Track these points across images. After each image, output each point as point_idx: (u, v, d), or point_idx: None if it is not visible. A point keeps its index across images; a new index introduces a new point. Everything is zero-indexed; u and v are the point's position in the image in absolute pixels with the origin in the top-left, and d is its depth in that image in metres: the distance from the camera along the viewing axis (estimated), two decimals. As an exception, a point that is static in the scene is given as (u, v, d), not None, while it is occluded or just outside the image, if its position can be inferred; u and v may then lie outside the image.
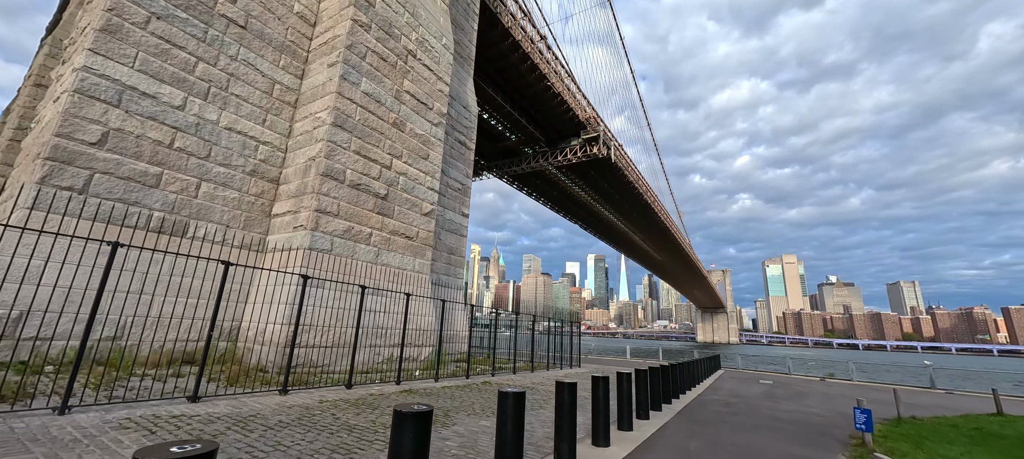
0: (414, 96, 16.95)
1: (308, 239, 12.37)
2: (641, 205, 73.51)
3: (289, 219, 13.22)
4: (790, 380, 20.28)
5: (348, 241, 13.59)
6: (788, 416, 9.76)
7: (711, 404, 11.08)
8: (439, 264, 20.62)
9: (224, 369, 9.94)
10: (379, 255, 14.68)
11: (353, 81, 14.27)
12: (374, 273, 14.31)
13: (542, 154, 58.01)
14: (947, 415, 10.95)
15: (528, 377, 14.75)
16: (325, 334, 11.94)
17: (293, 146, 14.37)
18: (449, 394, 9.70)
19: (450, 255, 21.50)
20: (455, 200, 22.24)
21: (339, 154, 13.53)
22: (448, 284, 21.00)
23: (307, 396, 8.09)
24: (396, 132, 15.89)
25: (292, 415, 6.43)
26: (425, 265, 16.70)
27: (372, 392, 9.13)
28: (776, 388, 16.26)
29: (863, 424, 6.41)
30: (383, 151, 15.19)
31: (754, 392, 14.53)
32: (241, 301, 12.45)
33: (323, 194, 12.92)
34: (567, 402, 4.77)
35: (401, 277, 15.38)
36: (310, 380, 9.79)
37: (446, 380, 12.34)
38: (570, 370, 19.45)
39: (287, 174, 14.09)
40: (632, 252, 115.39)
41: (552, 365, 20.40)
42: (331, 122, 13.41)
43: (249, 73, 13.70)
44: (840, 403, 12.80)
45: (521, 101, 48.37)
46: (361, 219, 14.12)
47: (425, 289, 16.43)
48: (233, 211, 12.93)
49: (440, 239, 20.74)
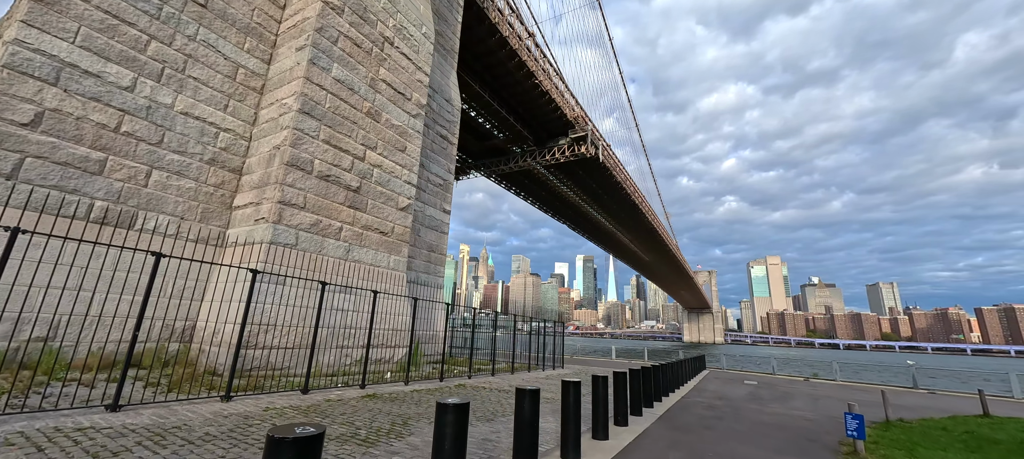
0: (391, 85, 16.18)
1: (270, 233, 11.54)
2: (629, 205, 73.54)
3: (251, 211, 12.36)
4: (775, 380, 20.03)
5: (315, 235, 12.78)
6: (774, 420, 9.30)
7: (695, 407, 10.59)
8: (418, 262, 19.87)
9: (168, 372, 9.08)
10: (350, 251, 13.89)
11: (323, 66, 13.46)
12: (345, 270, 13.52)
13: (530, 153, 57.51)
14: (934, 417, 10.65)
15: (507, 379, 14.11)
16: (287, 334, 11.13)
17: (258, 134, 13.50)
18: (415, 399, 9.00)
19: (430, 252, 20.76)
20: (436, 196, 21.50)
21: (306, 143, 12.72)
22: (428, 282, 20.26)
23: (254, 403, 7.31)
24: (370, 122, 15.11)
25: (224, 426, 5.68)
26: (401, 262, 15.94)
27: (330, 397, 8.39)
28: (761, 389, 15.92)
29: (855, 431, 5.94)
30: (356, 141, 14.40)
31: (739, 394, 14.13)
32: (197, 299, 11.56)
33: (288, 185, 12.10)
34: (528, 412, 4.15)
35: (375, 274, 14.61)
36: (265, 384, 9.00)
37: (419, 383, 11.63)
38: (552, 371, 18.87)
39: (250, 164, 13.21)
40: (620, 253, 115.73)
41: (535, 366, 19.79)
42: (298, 109, 12.59)
43: (209, 55, 12.80)
44: (827, 405, 12.45)
45: (509, 99, 47.77)
46: (330, 212, 13.31)
47: (401, 287, 15.68)
48: (189, 202, 12.02)
49: (419, 236, 19.99)
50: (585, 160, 54.94)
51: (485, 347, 21.53)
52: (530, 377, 15.41)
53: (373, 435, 5.85)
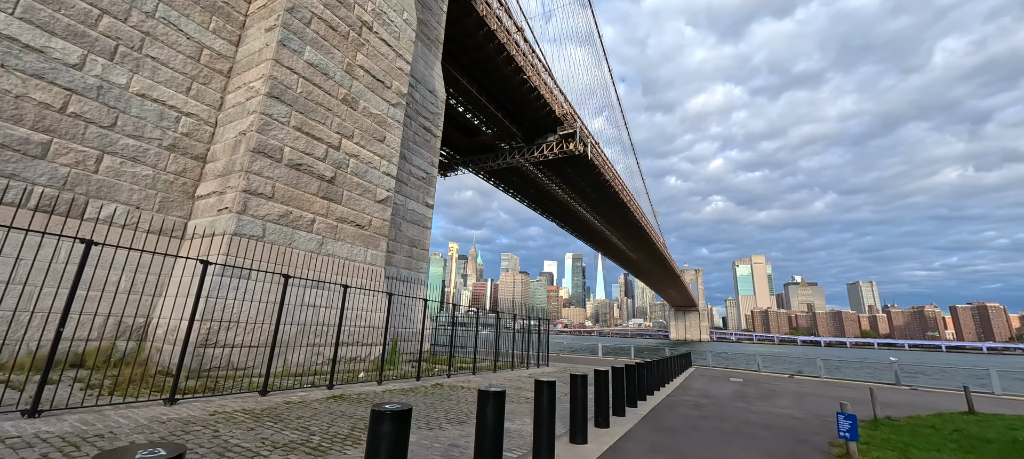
0: (369, 72, 15.48)
1: (233, 223, 10.80)
2: (617, 204, 73.58)
3: (214, 201, 11.59)
4: (760, 378, 19.92)
5: (285, 227, 12.07)
6: (761, 419, 8.97)
7: (680, 406, 10.23)
8: (399, 257, 19.21)
9: (114, 373, 8.33)
10: (323, 244, 13.20)
11: (294, 49, 12.72)
12: (317, 264, 12.83)
13: (518, 150, 56.98)
14: (921, 414, 10.48)
15: (488, 378, 13.60)
16: (252, 332, 10.43)
17: (224, 120, 12.71)
18: (378, 400, 8.42)
19: (412, 248, 20.12)
20: (418, 189, 20.84)
21: (275, 129, 11.98)
22: (409, 278, 19.62)
23: (202, 406, 6.66)
24: (347, 110, 14.40)
25: (156, 433, 5.04)
26: (379, 257, 15.29)
27: (292, 399, 7.76)
28: (747, 387, 15.70)
29: (847, 432, 5.58)
30: (330, 129, 13.70)
31: (725, 392, 13.86)
32: (152, 294, 10.77)
33: (254, 173, 11.36)
34: (491, 417, 3.64)
35: (350, 269, 13.94)
36: (224, 385, 8.32)
37: (394, 383, 11.04)
38: (536, 370, 18.43)
39: (215, 151, 12.42)
40: (608, 251, 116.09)
41: (519, 364, 19.32)
42: (266, 92, 11.84)
43: (170, 34, 11.96)
44: (813, 403, 12.23)
45: (497, 94, 47.16)
46: (302, 203, 12.60)
47: (378, 282, 15.03)
48: (145, 190, 11.20)
49: (400, 230, 19.32)
50: (574, 157, 54.66)
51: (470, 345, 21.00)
52: (512, 376, 14.93)
53: (327, 441, 5.28)
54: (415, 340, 18.54)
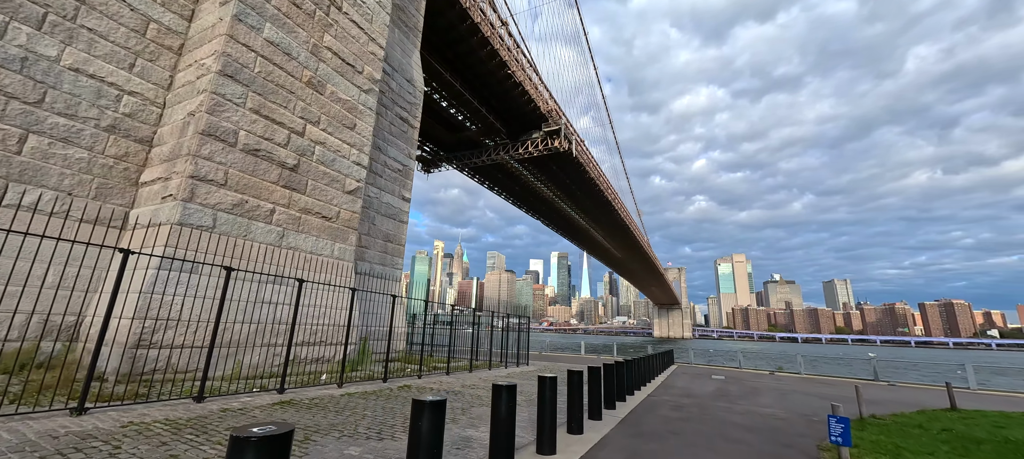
0: (338, 54, 14.56)
1: (178, 212, 9.83)
2: (602, 202, 73.56)
3: (159, 188, 10.57)
4: (741, 375, 19.73)
5: (239, 217, 11.12)
6: (745, 420, 8.52)
7: (661, 407, 9.72)
8: (373, 252, 18.33)
9: (33, 378, 7.34)
10: (285, 236, 12.28)
11: (252, 25, 11.75)
12: (278, 258, 11.91)
13: (503, 146, 56.23)
14: (905, 411, 10.23)
15: (461, 379, 12.90)
16: (197, 331, 9.49)
17: (173, 101, 11.66)
18: (340, 406, 7.66)
19: (387, 242, 19.24)
20: (394, 182, 19.97)
21: (229, 110, 11.01)
22: (384, 275, 18.75)
23: (116, 416, 5.79)
24: (312, 94, 13.47)
25: (40, 453, 4.20)
26: (347, 251, 14.41)
27: (230, 406, 6.92)
28: (729, 384, 15.39)
29: (839, 436, 5.10)
30: (293, 114, 12.76)
31: (707, 390, 13.48)
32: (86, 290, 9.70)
33: (203, 158, 10.39)
34: (427, 437, 2.96)
35: (315, 264, 13.04)
36: (159, 391, 7.42)
37: (357, 385, 10.24)
38: (515, 369, 17.80)
39: (162, 134, 11.38)
40: (594, 249, 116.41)
41: (498, 363, 18.67)
42: (218, 70, 10.86)
43: (110, 4, 10.86)
44: (796, 401, 11.91)
45: (482, 89, 46.34)
46: (259, 192, 11.66)
47: (346, 278, 14.16)
48: (79, 175, 10.12)
49: (374, 224, 18.44)
50: (558, 154, 54.25)
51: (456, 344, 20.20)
52: (487, 376, 14.26)
53: None
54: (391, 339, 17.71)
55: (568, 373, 6.54)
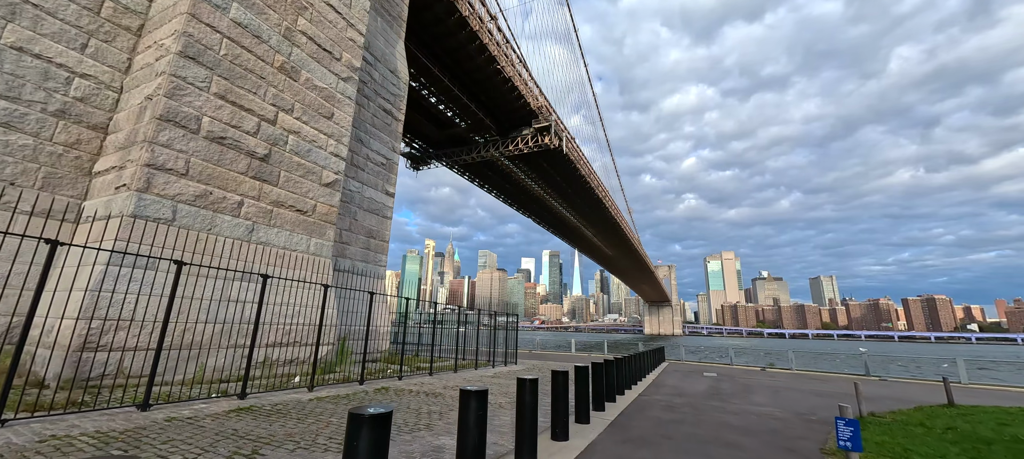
0: (313, 40, 13.81)
1: (132, 203, 9.05)
2: (593, 200, 73.36)
3: (112, 177, 9.77)
4: (733, 371, 19.44)
5: (203, 210, 10.36)
6: (740, 421, 8.06)
7: (652, 408, 9.24)
8: (354, 248, 17.60)
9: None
10: (255, 230, 11.53)
11: (217, 3, 10.96)
12: (247, 253, 11.17)
13: (493, 143, 55.60)
14: (903, 408, 9.89)
15: (444, 379, 12.30)
16: (151, 332, 8.74)
17: (131, 84, 10.84)
18: (306, 412, 7.02)
19: (369, 238, 18.52)
20: (377, 176, 19.24)
21: (191, 95, 10.24)
22: (366, 272, 18.04)
23: (38, 429, 5.08)
24: (285, 80, 12.72)
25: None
26: (325, 246, 13.69)
27: (178, 415, 6.24)
28: (721, 382, 15.02)
29: (849, 441, 4.64)
30: (264, 101, 12.00)
31: (699, 388, 13.07)
32: (31, 289, 8.90)
33: (161, 145, 9.61)
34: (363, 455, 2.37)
35: (289, 260, 12.31)
36: (101, 398, 6.71)
37: (330, 388, 9.58)
38: (502, 368, 17.24)
39: (118, 120, 10.56)
40: (585, 248, 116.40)
41: (484, 362, 18.10)
42: (179, 51, 10.08)
43: (59, -22, 10.01)
44: (790, 398, 11.54)
45: (471, 85, 45.64)
46: (226, 183, 10.90)
47: (324, 275, 13.44)
48: (23, 163, 9.28)
49: (356, 219, 17.71)
50: (549, 151, 53.80)
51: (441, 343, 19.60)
52: (471, 376, 13.67)
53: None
54: (372, 338, 17.03)
55: (552, 374, 5.99)
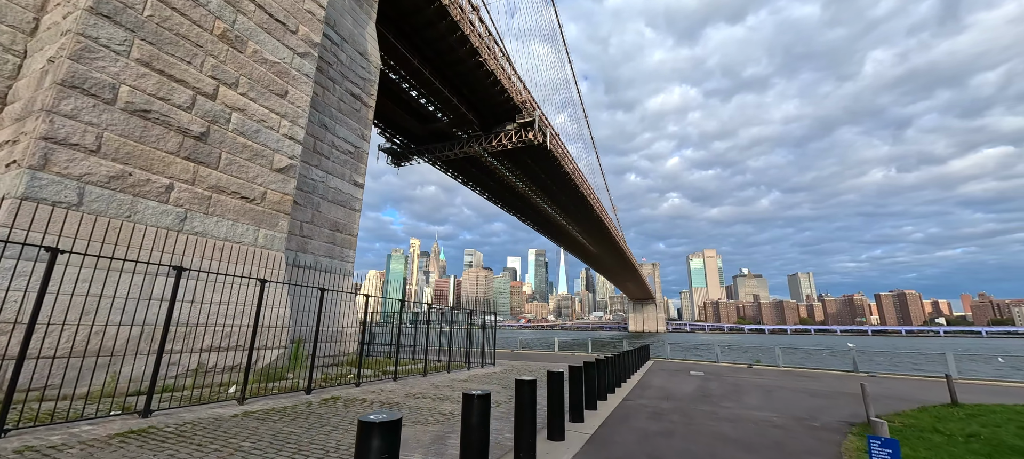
0: (263, 7, 12.38)
1: (23, 183, 7.56)
2: (577, 197, 72.73)
3: (4, 154, 8.24)
4: (719, 370, 18.71)
5: (121, 193, 8.89)
6: (737, 431, 7.10)
7: (638, 415, 8.23)
8: (317, 243, 16.19)
9: None
10: (189, 219, 10.09)
11: (139, -44, 9.47)
12: (178, 245, 9.72)
13: (476, 138, 54.30)
14: (907, 409, 9.13)
15: (410, 386, 11.08)
16: (44, 336, 7.29)
17: (34, 48, 9.28)
18: (206, 436, 5.73)
19: (335, 232, 17.12)
20: (344, 165, 17.84)
21: (104, 59, 8.75)
22: (332, 268, 16.64)
23: None
24: (228, 50, 11.27)
25: None
26: (276, 239, 12.29)
27: (40, 443, 4.88)
28: (709, 382, 14.18)
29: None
30: (201, 72, 10.54)
31: (687, 389, 12.16)
32: None
33: (64, 115, 8.12)
34: None
35: (232, 253, 10.90)
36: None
37: (268, 399, 8.28)
38: (478, 371, 16.08)
39: (18, 88, 9.00)
40: (570, 246, 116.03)
41: (460, 364, 16.91)
42: (89, 7, 8.58)
43: (-62, -83, 8.40)
44: (786, 400, 10.71)
45: (453, 78, 44.23)
46: (151, 164, 9.44)
47: (275, 270, 12.04)
48: None
49: (319, 211, 16.29)
50: (533, 147, 52.79)
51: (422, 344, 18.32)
52: (442, 382, 12.48)
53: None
54: (335, 340, 15.67)
55: (517, 384, 4.87)
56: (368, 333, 19.19)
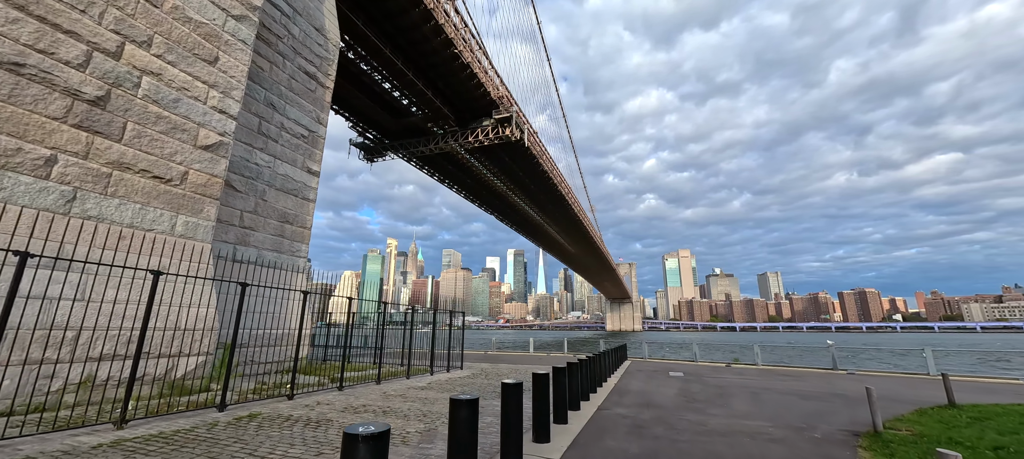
0: (187, -42, 10.61)
1: None
2: (556, 196, 72.01)
3: None
4: (699, 370, 17.94)
5: (-24, 165, 7.06)
6: (734, 451, 6.01)
7: (615, 430, 7.07)
8: (262, 235, 14.43)
9: None
10: (78, 200, 8.30)
11: None
12: (64, 230, 7.91)
13: (452, 134, 52.60)
14: (905, 412, 8.33)
15: (356, 397, 9.59)
16: None
17: None
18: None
19: (284, 224, 15.37)
20: (296, 150, 16.10)
21: (-47, -6, 6.92)
22: (279, 264, 14.89)
23: None
24: (139, 3, 9.49)
25: None
26: (201, 228, 10.55)
27: None
28: (690, 383, 13.26)
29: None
30: (98, 24, 8.75)
31: (668, 394, 11.15)
32: None
33: None
34: None
35: (144, 243, 9.13)
36: None
37: (164, 420, 6.67)
38: (442, 376, 14.68)
39: None
40: (549, 246, 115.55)
41: (422, 369, 15.45)
42: (-70, -74, 6.74)
43: None
44: (775, 405, 9.80)
45: (427, 70, 42.44)
46: (23, 129, 7.63)
47: (200, 264, 10.31)
48: None
49: (264, 199, 14.53)
50: (510, 144, 51.58)
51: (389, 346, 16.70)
52: (396, 391, 11.03)
53: None
54: (280, 344, 13.99)
55: (452, 405, 3.55)
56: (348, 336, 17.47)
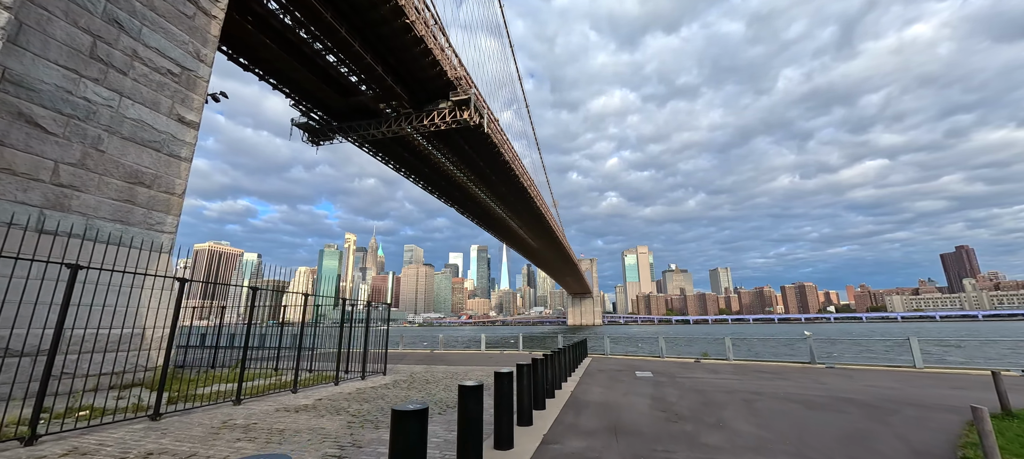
0: None
1: None
2: (517, 188, 69.32)
3: None
4: (669, 367, 15.68)
5: None
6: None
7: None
8: (93, 198, 10.43)
9: None
10: None
11: None
12: None
13: (405, 117, 48.20)
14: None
15: (197, 424, 6.12)
16: None
17: None
18: None
19: (135, 185, 11.37)
20: (158, 89, 12.09)
21: None
22: (125, 240, 10.93)
23: None
24: None
25: None
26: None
27: None
28: (664, 388, 10.76)
29: None
30: None
31: (640, 406, 8.50)
32: None
33: None
34: None
35: None
36: None
37: None
38: (351, 386, 11.30)
39: None
40: (512, 241, 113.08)
41: (328, 375, 11.99)
42: None
43: None
44: (784, 418, 7.41)
45: (375, 42, 37.95)
46: None
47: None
48: None
49: (99, 148, 10.53)
50: (469, 129, 48.06)
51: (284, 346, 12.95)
52: (262, 410, 7.60)
53: None
54: (129, 348, 10.11)
55: None
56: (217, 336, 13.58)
